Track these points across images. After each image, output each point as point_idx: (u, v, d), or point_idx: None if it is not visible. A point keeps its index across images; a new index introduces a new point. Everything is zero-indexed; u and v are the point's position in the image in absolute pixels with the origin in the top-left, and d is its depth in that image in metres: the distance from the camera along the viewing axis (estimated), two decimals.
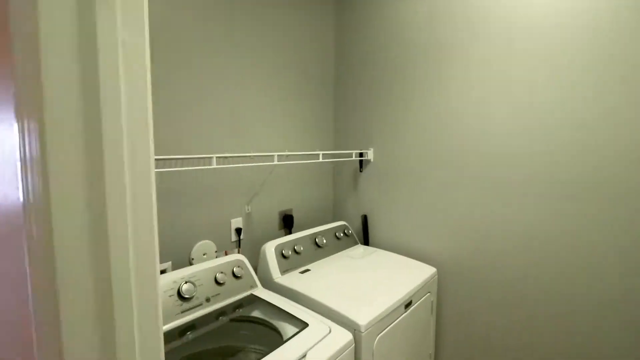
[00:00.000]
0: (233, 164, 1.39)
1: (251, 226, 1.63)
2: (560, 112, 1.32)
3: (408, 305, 1.38)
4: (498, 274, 1.52)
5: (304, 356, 0.97)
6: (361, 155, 1.89)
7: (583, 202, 1.29)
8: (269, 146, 1.66)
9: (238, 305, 1.25)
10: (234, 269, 1.31)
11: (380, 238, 1.90)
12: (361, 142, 1.94)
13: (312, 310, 1.23)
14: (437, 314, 1.70)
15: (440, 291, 1.70)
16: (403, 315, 1.35)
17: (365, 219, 1.93)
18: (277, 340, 1.12)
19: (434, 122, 1.65)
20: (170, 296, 1.11)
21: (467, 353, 1.64)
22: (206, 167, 1.17)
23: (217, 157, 1.18)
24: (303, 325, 1.10)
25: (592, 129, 1.26)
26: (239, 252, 1.55)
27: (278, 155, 1.42)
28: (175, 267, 1.34)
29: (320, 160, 1.55)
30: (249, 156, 1.39)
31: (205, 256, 1.45)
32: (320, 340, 1.03)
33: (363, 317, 1.17)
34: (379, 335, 1.21)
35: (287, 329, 1.12)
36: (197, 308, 1.15)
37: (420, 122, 1.70)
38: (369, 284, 1.39)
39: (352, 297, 1.28)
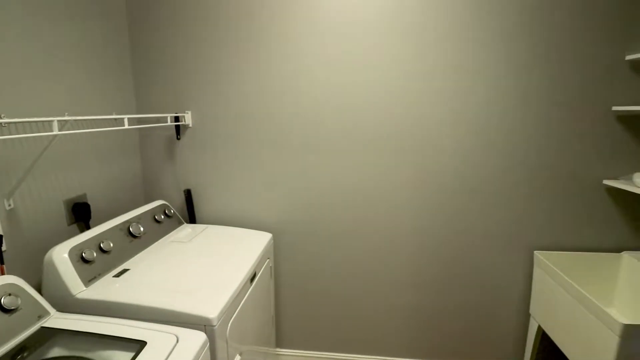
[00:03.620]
0: None
1: (19, 229, 1.09)
2: (369, 71, 1.49)
3: (253, 278, 1.32)
4: (324, 227, 1.66)
5: None
6: (177, 119, 1.57)
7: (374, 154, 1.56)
8: (39, 110, 1.11)
9: (20, 350, 0.83)
10: (2, 300, 0.86)
11: (209, 212, 1.71)
12: (174, 104, 1.61)
13: (146, 320, 0.97)
14: (274, 276, 1.73)
15: (275, 254, 1.73)
16: (250, 290, 1.28)
17: (188, 194, 1.68)
18: None
19: (254, 81, 1.55)
20: None
21: (303, 305, 1.78)
22: None
23: None
24: (138, 345, 0.85)
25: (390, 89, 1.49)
26: (2, 273, 1.02)
27: (59, 120, 0.95)
28: None
29: (126, 127, 1.16)
30: (2, 124, 0.87)
31: None
32: (168, 356, 0.83)
33: (212, 308, 1.02)
34: (231, 320, 1.10)
35: (116, 357, 0.84)
36: None
37: (240, 81, 1.56)
38: (208, 268, 1.23)
39: (193, 289, 1.09)
